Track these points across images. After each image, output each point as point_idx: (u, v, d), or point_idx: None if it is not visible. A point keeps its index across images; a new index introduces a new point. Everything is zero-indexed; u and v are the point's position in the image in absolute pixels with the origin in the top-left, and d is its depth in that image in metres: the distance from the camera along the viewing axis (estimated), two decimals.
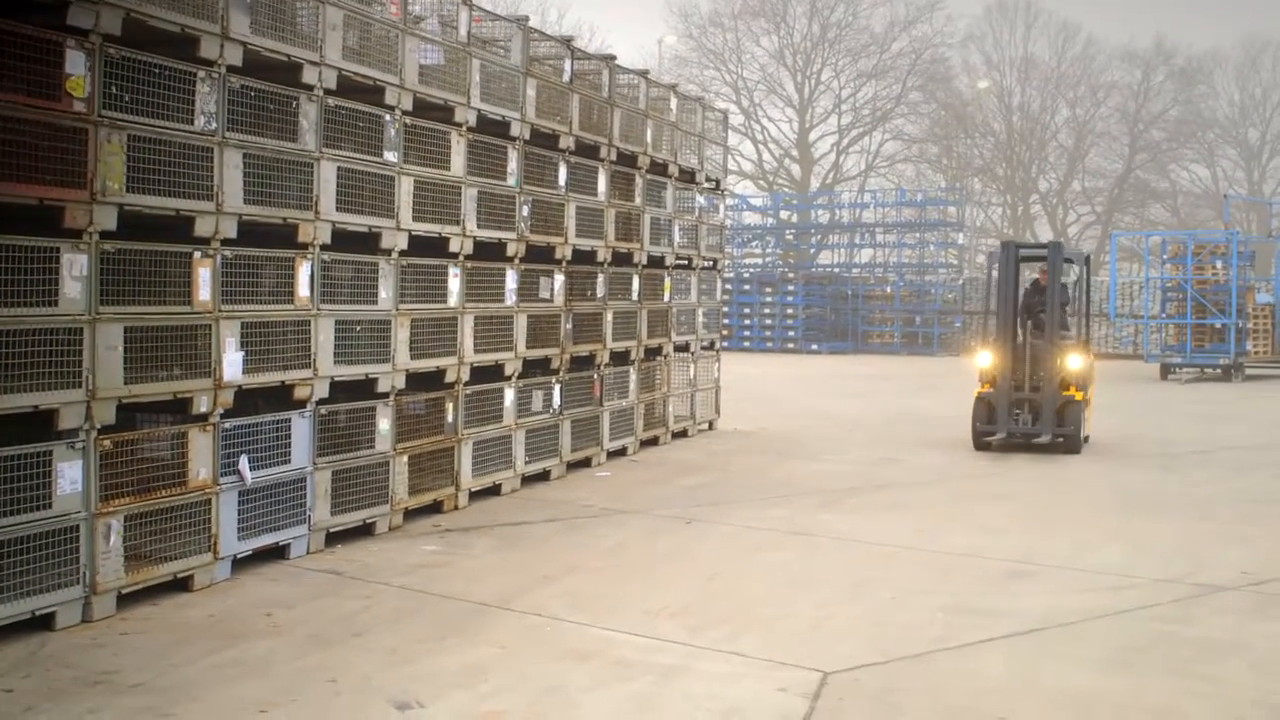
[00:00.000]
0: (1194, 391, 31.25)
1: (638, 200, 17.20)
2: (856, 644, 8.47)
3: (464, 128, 12.72)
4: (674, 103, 18.86)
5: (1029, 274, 20.37)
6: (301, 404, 10.52)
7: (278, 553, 10.38)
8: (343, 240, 10.90)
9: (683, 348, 19.62)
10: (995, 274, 18.86)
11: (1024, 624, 9.03)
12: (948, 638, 8.63)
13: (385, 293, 11.51)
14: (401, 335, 11.73)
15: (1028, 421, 18.30)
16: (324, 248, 10.66)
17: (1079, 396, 18.27)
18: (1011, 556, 11.09)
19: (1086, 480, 16.02)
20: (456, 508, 12.82)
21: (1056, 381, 18.16)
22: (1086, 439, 19.21)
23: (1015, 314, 18.40)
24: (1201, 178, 79.20)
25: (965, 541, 11.73)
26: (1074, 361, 18.29)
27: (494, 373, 13.60)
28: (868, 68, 70.63)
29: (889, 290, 51.59)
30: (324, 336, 10.68)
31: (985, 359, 18.58)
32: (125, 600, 8.82)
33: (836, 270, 55.98)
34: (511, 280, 13.76)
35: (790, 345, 49.15)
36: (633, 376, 17.16)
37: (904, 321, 50.10)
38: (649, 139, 17.48)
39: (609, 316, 16.26)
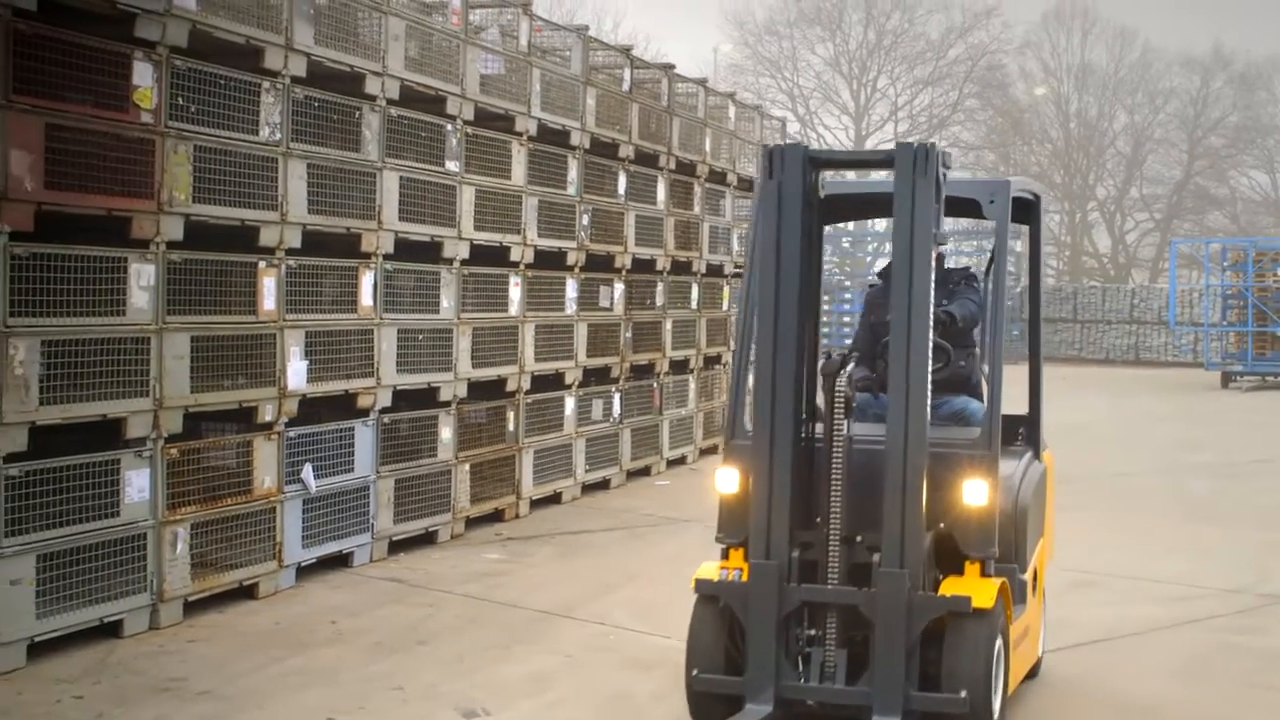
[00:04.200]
0: (1255, 399, 30.94)
1: (696, 209, 17.19)
2: None
3: (524, 137, 12.74)
4: (732, 111, 18.85)
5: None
6: (364, 412, 10.56)
7: (341, 560, 10.41)
8: (405, 249, 10.94)
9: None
10: (757, 236, 6.94)
11: (1090, 634, 8.98)
12: None
13: (447, 302, 11.54)
14: (463, 344, 11.76)
15: (836, 669, 6.47)
16: (386, 257, 10.71)
17: (986, 595, 6.41)
18: (1075, 566, 11.01)
19: (1149, 489, 15.88)
20: (518, 516, 12.83)
21: (922, 545, 6.43)
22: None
23: (802, 344, 6.75)
24: (1261, 184, 78.41)
25: None
26: (976, 490, 6.63)
27: (554, 381, 13.61)
28: (924, 75, 70.32)
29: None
30: (387, 345, 10.72)
31: (727, 479, 6.90)
32: (191, 607, 8.88)
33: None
34: (572, 289, 13.78)
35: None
36: (692, 385, 17.14)
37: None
38: (707, 147, 17.46)
39: (668, 325, 16.25)
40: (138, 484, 8.36)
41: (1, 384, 7.40)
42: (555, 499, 13.66)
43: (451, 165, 11.54)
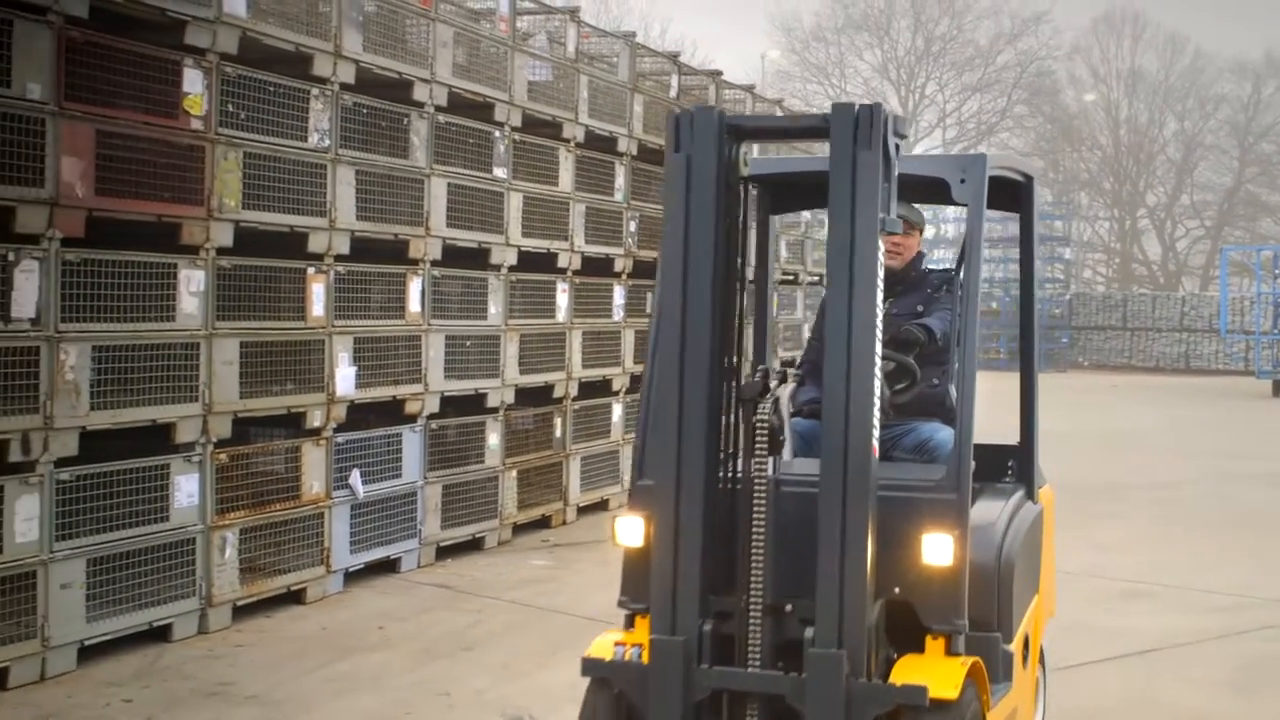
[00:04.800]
0: None
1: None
2: None
3: (572, 143, 12.75)
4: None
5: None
6: (412, 418, 10.58)
7: (388, 566, 10.44)
8: (452, 256, 10.96)
9: (789, 363, 19.49)
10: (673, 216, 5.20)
11: (1141, 644, 8.91)
12: (1065, 656, 8.52)
13: (494, 308, 11.56)
14: (510, 350, 11.77)
15: None
16: (434, 263, 10.73)
17: (948, 682, 4.90)
18: (1127, 575, 10.94)
19: (1200, 497, 15.75)
20: (564, 523, 12.83)
21: (866, 617, 4.85)
22: None
23: (719, 360, 5.17)
24: None
25: (1080, 559, 11.58)
26: (937, 546, 5.10)
27: (602, 388, 13.61)
28: (972, 81, 70.10)
29: (994, 306, 51.16)
30: (434, 351, 10.74)
31: (629, 529, 5.39)
32: (240, 612, 8.91)
33: None
34: (619, 295, 13.78)
35: None
36: None
37: (1010, 337, 49.65)
38: (755, 154, 17.38)
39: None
40: (187, 489, 8.40)
41: (53, 389, 7.45)
42: (603, 505, 13.64)
43: (499, 172, 11.56)
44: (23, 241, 7.33)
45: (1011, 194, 6.49)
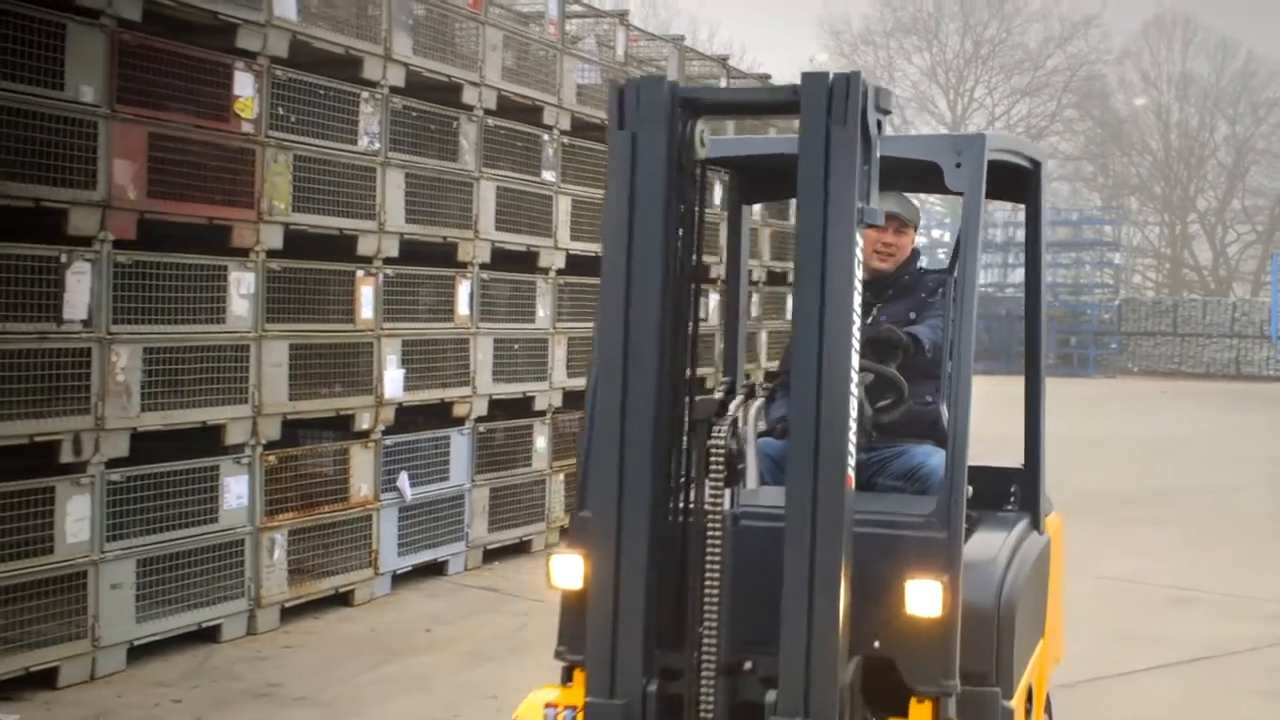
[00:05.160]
0: None
1: (793, 219, 17.10)
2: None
3: None
4: None
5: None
6: (460, 421, 10.60)
7: (436, 569, 10.45)
8: (501, 259, 10.97)
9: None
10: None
11: (1190, 652, 8.84)
12: (1114, 664, 8.46)
13: (543, 311, 11.56)
14: (559, 353, 11.77)
15: None
16: (483, 266, 10.75)
17: None
18: (1174, 582, 10.86)
19: (1250, 503, 15.62)
20: None
21: (837, 678, 4.07)
22: None
23: (668, 373, 4.33)
24: None
25: (1125, 565, 11.51)
26: (923, 594, 4.33)
27: None
28: (1022, 85, 69.80)
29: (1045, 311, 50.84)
30: (483, 354, 10.76)
31: (566, 568, 4.63)
32: (288, 614, 8.94)
33: (989, 290, 55.34)
34: None
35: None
36: None
37: (1058, 343, 49.39)
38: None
39: (763, 336, 16.18)
40: (236, 490, 8.44)
41: (104, 390, 7.50)
42: None
43: (548, 175, 11.57)
44: (75, 244, 7.37)
45: (1016, 181, 5.56)
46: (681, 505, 4.28)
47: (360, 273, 9.44)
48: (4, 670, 7.12)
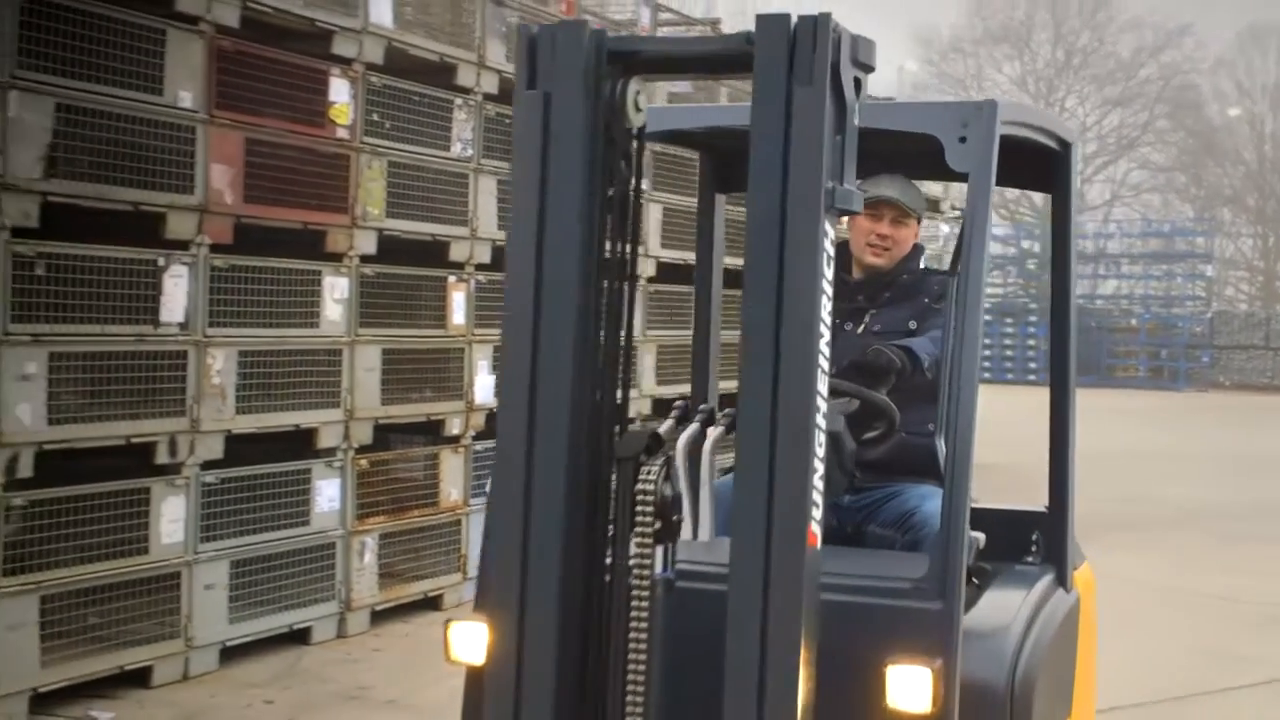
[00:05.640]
0: None
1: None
2: (1110, 684, 8.23)
3: None
4: None
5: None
6: None
7: None
8: None
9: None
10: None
11: None
12: (1198, 683, 8.33)
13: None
14: (647, 361, 11.75)
15: None
16: None
17: None
18: (1267, 600, 10.67)
19: None
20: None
21: None
22: None
23: (588, 398, 3.29)
24: None
25: (1214, 582, 11.34)
26: (909, 682, 3.38)
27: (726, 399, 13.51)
28: (1113, 95, 69.13)
29: (1134, 323, 50.37)
30: None
31: (469, 638, 3.68)
32: (378, 617, 8.97)
33: (1080, 301, 54.72)
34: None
35: (1031, 377, 48.20)
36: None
37: (1149, 355, 48.85)
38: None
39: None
40: (328, 493, 8.49)
41: (200, 392, 7.56)
42: None
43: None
44: (172, 247, 7.45)
45: (1040, 165, 4.57)
46: (605, 565, 3.30)
47: (452, 278, 9.48)
48: (100, 669, 7.19)
